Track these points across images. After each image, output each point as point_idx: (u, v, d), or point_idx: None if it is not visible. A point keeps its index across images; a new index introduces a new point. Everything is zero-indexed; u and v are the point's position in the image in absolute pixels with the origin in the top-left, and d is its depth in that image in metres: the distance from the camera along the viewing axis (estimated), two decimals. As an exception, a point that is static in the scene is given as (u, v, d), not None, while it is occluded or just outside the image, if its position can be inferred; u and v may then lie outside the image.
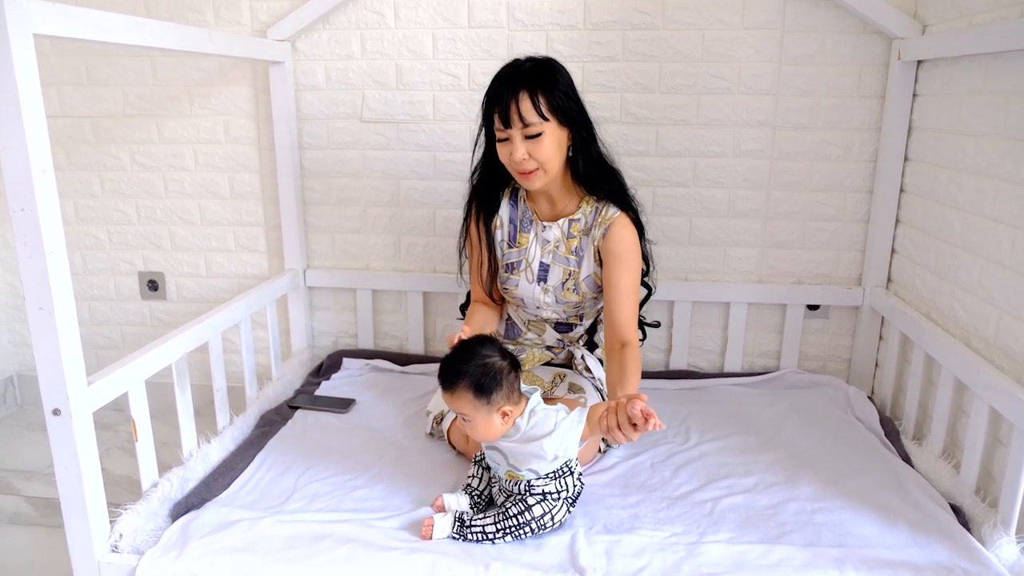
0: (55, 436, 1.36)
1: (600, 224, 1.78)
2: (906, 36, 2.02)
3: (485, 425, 1.47)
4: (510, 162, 1.70)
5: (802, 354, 2.35)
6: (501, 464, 1.50)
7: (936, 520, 1.51)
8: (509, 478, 1.50)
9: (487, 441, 1.51)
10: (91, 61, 2.39)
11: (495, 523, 1.46)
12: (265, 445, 1.84)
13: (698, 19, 2.14)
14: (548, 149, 1.67)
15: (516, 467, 1.48)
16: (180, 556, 1.39)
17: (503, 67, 1.71)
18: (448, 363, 1.49)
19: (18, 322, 2.69)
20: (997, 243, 1.64)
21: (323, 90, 2.32)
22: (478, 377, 1.44)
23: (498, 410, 1.45)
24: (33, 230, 1.25)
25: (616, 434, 1.38)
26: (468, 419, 1.47)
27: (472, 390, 1.44)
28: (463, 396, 1.45)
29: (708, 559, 1.40)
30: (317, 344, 2.54)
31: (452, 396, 1.47)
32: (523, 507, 1.46)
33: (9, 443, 2.47)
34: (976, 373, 1.60)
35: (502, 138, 1.69)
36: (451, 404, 1.49)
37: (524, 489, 1.48)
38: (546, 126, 1.65)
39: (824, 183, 2.22)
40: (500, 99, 1.65)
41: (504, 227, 1.88)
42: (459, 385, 1.45)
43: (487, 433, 1.48)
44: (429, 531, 1.45)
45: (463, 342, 1.53)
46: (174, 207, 2.48)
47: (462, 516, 1.49)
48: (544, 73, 1.67)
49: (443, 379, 1.49)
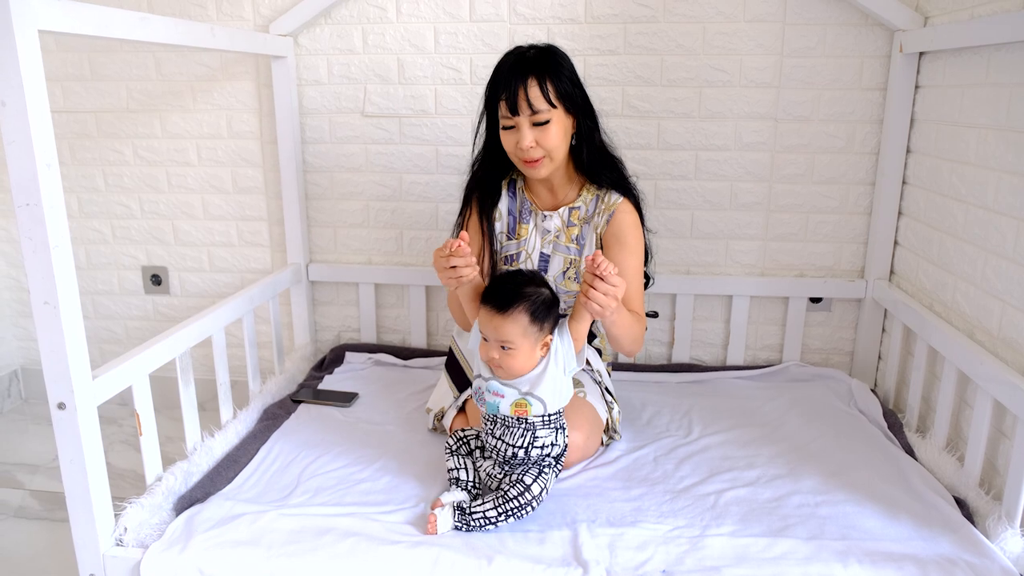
0: (60, 430, 1.36)
1: (603, 211, 1.78)
2: (908, 28, 2.01)
3: (528, 355, 1.46)
4: (516, 150, 1.68)
5: (805, 347, 2.35)
6: (508, 396, 1.49)
7: (940, 513, 1.51)
8: (515, 413, 1.49)
9: (519, 375, 1.48)
10: (95, 57, 2.39)
11: (496, 507, 1.47)
12: (268, 439, 1.84)
13: (699, 12, 2.14)
14: (555, 137, 1.66)
15: (531, 392, 1.48)
16: (184, 550, 1.40)
17: (506, 55, 1.70)
18: (506, 283, 1.47)
19: (23, 316, 2.69)
20: (1000, 235, 1.64)
21: (325, 85, 2.32)
22: (537, 303, 1.44)
23: (543, 342, 1.45)
24: (38, 225, 1.25)
25: (592, 295, 1.42)
26: (512, 348, 1.45)
27: (529, 315, 1.43)
28: (517, 321, 1.43)
29: (711, 552, 1.41)
30: (320, 338, 2.54)
31: (505, 319, 1.44)
32: (522, 488, 1.47)
33: (14, 437, 2.48)
34: (980, 366, 1.60)
35: (508, 126, 1.68)
36: (497, 330, 1.45)
37: (525, 439, 1.48)
38: (554, 113, 1.65)
39: (826, 176, 2.22)
40: (508, 86, 1.63)
41: (503, 219, 1.87)
42: (516, 308, 1.43)
43: (525, 364, 1.47)
44: (434, 526, 1.45)
45: (517, 271, 1.52)
46: (177, 202, 2.49)
47: (461, 504, 1.49)
48: (550, 60, 1.66)
49: (499, 299, 1.45)
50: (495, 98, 1.68)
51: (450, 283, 1.53)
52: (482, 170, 1.85)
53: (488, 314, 1.47)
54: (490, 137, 1.78)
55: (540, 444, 1.51)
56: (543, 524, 1.50)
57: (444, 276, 1.52)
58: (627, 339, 1.66)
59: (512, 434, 1.51)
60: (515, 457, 1.52)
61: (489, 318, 1.47)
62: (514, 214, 1.87)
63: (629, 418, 1.97)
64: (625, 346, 1.68)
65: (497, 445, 1.53)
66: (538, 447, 1.51)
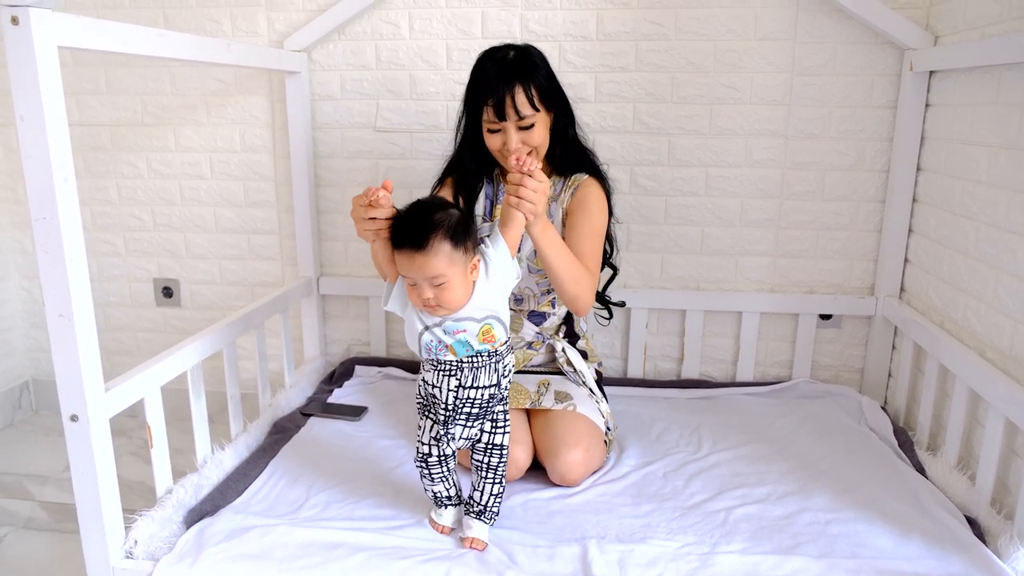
0: (72, 442, 1.37)
1: (568, 187, 1.84)
2: (918, 47, 2.02)
3: (463, 282, 1.36)
4: (501, 151, 1.73)
5: (815, 364, 2.35)
6: (470, 328, 1.40)
7: (951, 532, 1.50)
8: (484, 341, 1.41)
9: (461, 306, 1.39)
10: (110, 71, 2.42)
11: (493, 483, 1.50)
12: (278, 452, 1.84)
13: (710, 30, 2.15)
14: (540, 136, 1.72)
15: (488, 314, 1.41)
16: (195, 563, 1.40)
17: (484, 58, 1.73)
18: (411, 218, 1.35)
19: (35, 328, 2.71)
20: (1011, 253, 1.64)
21: (338, 100, 2.34)
22: (453, 226, 1.33)
23: (472, 264, 1.37)
24: (54, 238, 1.26)
25: (523, 193, 1.39)
26: (443, 281, 1.34)
27: (450, 242, 1.32)
28: (438, 252, 1.32)
29: (721, 569, 1.40)
30: (330, 351, 2.55)
31: (426, 255, 1.32)
32: (497, 452, 1.50)
33: (24, 448, 2.49)
34: (991, 384, 1.59)
35: (494, 129, 1.72)
36: (420, 269, 1.34)
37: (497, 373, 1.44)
38: (538, 116, 1.70)
39: (836, 193, 2.22)
40: (494, 92, 1.66)
41: (480, 203, 1.91)
42: (434, 239, 1.32)
43: (463, 292, 1.37)
44: (447, 529, 1.50)
45: (415, 203, 1.39)
46: (190, 214, 2.51)
47: (467, 507, 1.52)
48: (530, 64, 1.71)
49: (413, 237, 1.33)
50: (479, 102, 1.71)
51: (366, 235, 1.42)
52: (465, 162, 1.86)
53: (407, 256, 1.35)
54: (469, 132, 1.81)
55: (507, 372, 1.47)
56: (553, 539, 1.49)
57: (361, 227, 1.41)
58: (564, 269, 1.61)
59: (486, 372, 1.44)
60: (491, 399, 1.46)
61: (410, 260, 1.34)
62: (490, 198, 1.91)
63: (638, 434, 1.97)
64: (566, 285, 1.63)
65: (469, 395, 1.44)
66: (506, 375, 1.47)
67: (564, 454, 1.67)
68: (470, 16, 2.23)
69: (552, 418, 1.75)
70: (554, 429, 1.72)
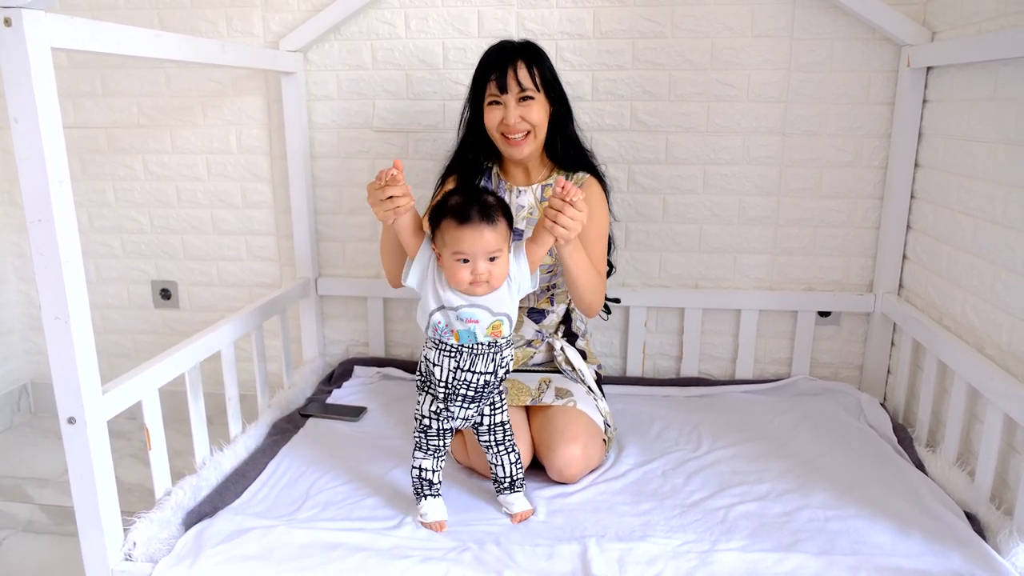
0: (70, 445, 1.37)
1: None
2: (915, 43, 2.02)
3: (507, 261, 1.46)
4: (500, 126, 1.78)
5: (813, 361, 2.35)
6: (483, 320, 1.47)
7: (951, 528, 1.50)
8: (491, 335, 1.48)
9: (500, 285, 1.46)
10: (106, 73, 2.42)
11: (509, 463, 1.58)
12: (277, 453, 1.84)
13: (707, 27, 2.15)
14: (538, 114, 1.78)
15: (501, 311, 1.48)
16: (194, 564, 1.40)
17: (491, 47, 1.82)
18: (475, 197, 1.44)
19: (32, 331, 2.71)
20: (1009, 249, 1.64)
21: (335, 100, 2.34)
22: (506, 207, 1.45)
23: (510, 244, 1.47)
24: (50, 241, 1.26)
25: (560, 220, 1.44)
26: (499, 256, 1.43)
27: (506, 219, 1.44)
28: (501, 226, 1.43)
29: (721, 567, 1.40)
30: (328, 352, 2.55)
31: (494, 228, 1.41)
32: (498, 427, 1.57)
33: (23, 451, 2.49)
34: (990, 380, 1.59)
35: (495, 101, 1.78)
36: (486, 243, 1.41)
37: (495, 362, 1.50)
38: (538, 96, 1.77)
39: (834, 190, 2.22)
40: (498, 66, 1.76)
41: None
42: (498, 214, 1.42)
43: (506, 272, 1.46)
44: (441, 525, 1.51)
45: (463, 187, 1.51)
46: (187, 216, 2.50)
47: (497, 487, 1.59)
48: (534, 49, 1.81)
49: (481, 211, 1.42)
50: (484, 80, 1.79)
51: (387, 216, 1.47)
52: (466, 155, 1.91)
53: (475, 230, 1.40)
54: (472, 125, 1.87)
55: (505, 364, 1.53)
56: (552, 538, 1.49)
57: (380, 209, 1.46)
58: (586, 282, 1.69)
59: (483, 360, 1.49)
60: (486, 385, 1.52)
61: (478, 234, 1.40)
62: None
63: (637, 432, 1.97)
64: (584, 295, 1.71)
65: (466, 378, 1.49)
66: (504, 367, 1.53)
67: (562, 449, 1.68)
68: (466, 15, 2.22)
69: (551, 414, 1.76)
70: (553, 425, 1.73)
